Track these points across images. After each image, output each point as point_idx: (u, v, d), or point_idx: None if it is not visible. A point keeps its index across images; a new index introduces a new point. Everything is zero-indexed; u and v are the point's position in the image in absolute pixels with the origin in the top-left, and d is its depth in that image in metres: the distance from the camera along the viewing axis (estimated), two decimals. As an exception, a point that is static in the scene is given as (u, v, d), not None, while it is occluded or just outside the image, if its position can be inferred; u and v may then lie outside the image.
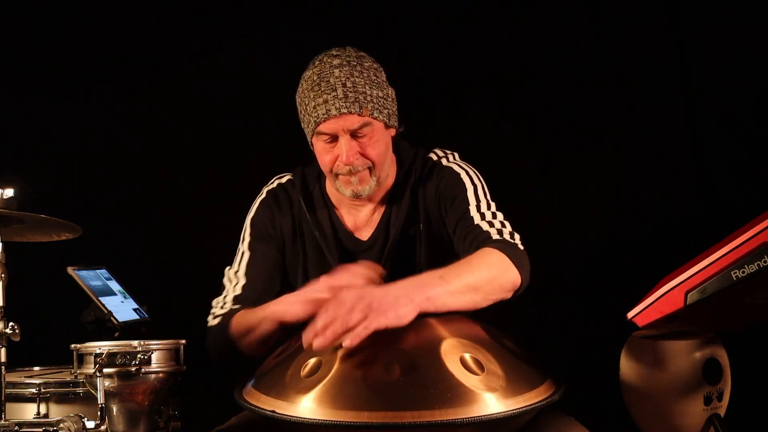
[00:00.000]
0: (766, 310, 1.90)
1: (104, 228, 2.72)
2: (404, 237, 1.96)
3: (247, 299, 1.92)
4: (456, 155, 2.04)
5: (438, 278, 1.59)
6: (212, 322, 1.91)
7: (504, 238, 1.78)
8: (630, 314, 1.91)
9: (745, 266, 1.72)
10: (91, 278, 2.34)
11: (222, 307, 1.92)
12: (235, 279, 1.97)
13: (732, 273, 1.74)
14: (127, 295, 2.44)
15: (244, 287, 1.95)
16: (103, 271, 2.44)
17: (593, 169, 2.91)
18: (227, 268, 2.00)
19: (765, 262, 1.70)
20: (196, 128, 2.99)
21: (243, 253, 2.00)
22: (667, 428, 1.97)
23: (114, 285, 2.42)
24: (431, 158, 2.02)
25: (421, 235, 1.96)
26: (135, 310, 2.42)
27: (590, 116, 2.92)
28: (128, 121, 3.00)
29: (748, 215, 1.84)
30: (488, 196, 1.92)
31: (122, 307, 2.36)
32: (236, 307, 1.90)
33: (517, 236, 1.81)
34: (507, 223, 1.85)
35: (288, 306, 1.70)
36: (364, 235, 2.00)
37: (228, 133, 3.00)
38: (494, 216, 1.86)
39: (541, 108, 2.96)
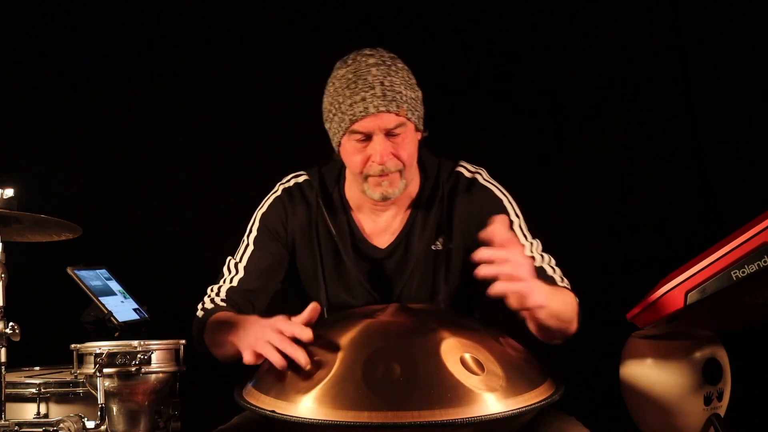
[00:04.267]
0: (766, 310, 1.90)
1: (104, 228, 2.72)
2: (429, 251, 1.95)
3: (241, 294, 1.91)
4: (485, 172, 2.02)
5: (560, 300, 1.67)
6: (199, 313, 1.91)
7: (566, 284, 1.83)
8: (630, 314, 1.91)
9: (745, 266, 1.72)
10: (91, 278, 2.34)
11: (212, 300, 1.91)
12: (234, 270, 1.95)
13: (732, 273, 1.74)
14: (127, 295, 2.44)
15: (241, 281, 1.93)
16: (103, 271, 2.44)
17: (594, 169, 2.91)
18: (229, 257, 1.99)
19: (765, 262, 1.70)
20: (196, 129, 2.99)
21: (247, 246, 1.97)
22: (667, 428, 1.97)
23: (114, 285, 2.42)
24: (462, 173, 1.99)
25: (450, 252, 1.95)
26: (135, 310, 2.42)
27: (590, 117, 2.92)
28: (128, 121, 2.99)
29: (748, 215, 1.84)
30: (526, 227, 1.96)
31: (122, 307, 2.36)
32: (222, 305, 1.89)
33: (565, 280, 1.86)
34: (554, 263, 1.88)
35: (242, 348, 1.61)
36: (382, 242, 1.97)
37: (228, 134, 3.00)
38: (543, 257, 1.88)
39: (540, 108, 2.96)
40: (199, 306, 1.92)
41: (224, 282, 1.95)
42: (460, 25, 2.97)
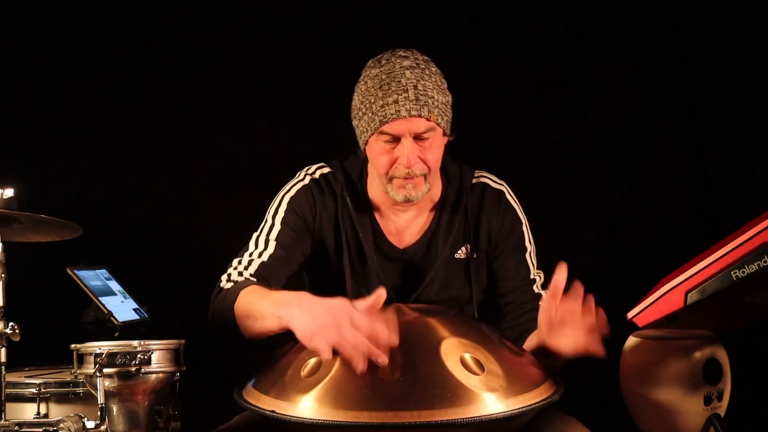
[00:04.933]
0: (766, 310, 1.89)
1: (104, 228, 2.72)
2: (452, 257, 1.96)
3: (273, 269, 1.87)
4: (506, 186, 2.04)
5: None
6: (225, 284, 1.83)
7: None
8: (630, 314, 1.91)
9: (745, 266, 1.72)
10: (91, 278, 2.34)
11: (240, 273, 1.85)
12: (263, 245, 1.90)
13: (732, 273, 1.73)
14: (127, 295, 2.45)
15: (271, 256, 1.88)
16: (103, 271, 2.44)
17: (594, 170, 2.91)
18: (254, 233, 1.94)
19: (765, 262, 1.70)
20: (195, 128, 2.99)
21: (273, 225, 1.92)
22: (667, 428, 1.97)
23: (114, 285, 2.43)
24: (489, 185, 2.00)
25: (474, 260, 1.96)
26: (135, 310, 2.43)
27: (590, 117, 2.92)
28: (128, 122, 2.99)
29: (748, 215, 1.84)
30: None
31: (122, 307, 2.36)
32: (252, 279, 1.83)
33: None
34: None
35: (305, 332, 1.51)
36: (402, 242, 1.98)
37: (228, 133, 3.00)
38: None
39: (540, 107, 2.96)
40: (224, 278, 1.85)
41: (252, 256, 1.89)
42: (460, 25, 2.98)
